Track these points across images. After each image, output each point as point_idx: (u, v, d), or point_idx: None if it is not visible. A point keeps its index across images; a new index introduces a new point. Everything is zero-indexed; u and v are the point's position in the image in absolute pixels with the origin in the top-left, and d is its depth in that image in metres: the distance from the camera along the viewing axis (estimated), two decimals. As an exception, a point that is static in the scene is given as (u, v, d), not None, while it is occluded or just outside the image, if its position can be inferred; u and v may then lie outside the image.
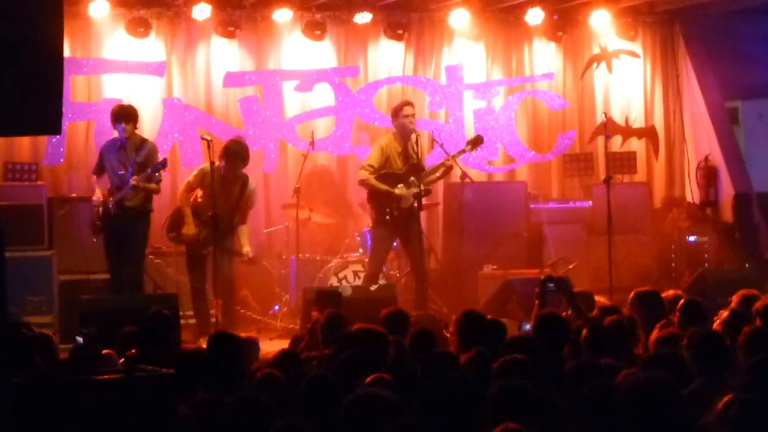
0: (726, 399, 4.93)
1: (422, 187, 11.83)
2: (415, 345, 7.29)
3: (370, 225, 12.41)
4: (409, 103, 12.21)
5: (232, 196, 11.60)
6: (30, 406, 5.15)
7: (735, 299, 8.83)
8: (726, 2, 14.79)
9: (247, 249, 11.59)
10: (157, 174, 11.39)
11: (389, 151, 11.99)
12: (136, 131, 11.67)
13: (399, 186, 11.87)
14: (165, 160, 11.70)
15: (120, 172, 11.36)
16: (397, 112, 12.03)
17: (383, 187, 11.88)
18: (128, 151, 11.40)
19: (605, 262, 12.16)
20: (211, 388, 6.28)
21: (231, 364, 7.02)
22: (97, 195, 11.49)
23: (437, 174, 12.24)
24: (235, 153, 11.52)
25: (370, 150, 12.57)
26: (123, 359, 6.72)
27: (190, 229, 11.49)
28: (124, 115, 11.46)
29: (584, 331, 7.24)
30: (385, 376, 6.06)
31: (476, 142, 12.31)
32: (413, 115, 11.98)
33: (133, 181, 11.19)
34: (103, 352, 7.76)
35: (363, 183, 12.10)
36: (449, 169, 12.25)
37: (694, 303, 8.28)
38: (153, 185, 11.45)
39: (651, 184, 15.24)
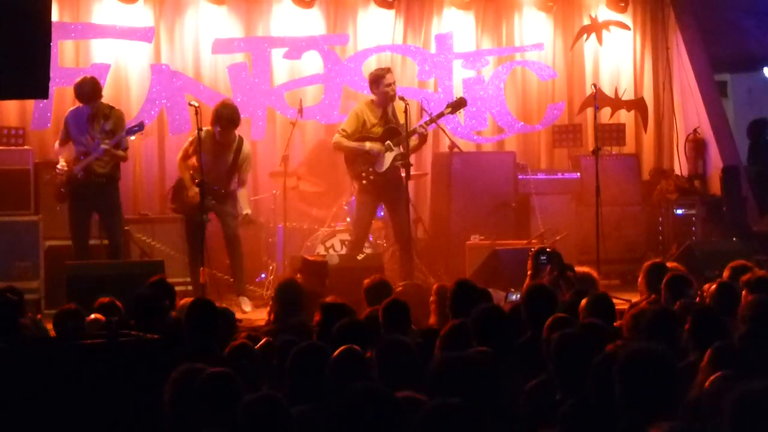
0: (713, 377, 4.94)
1: (399, 149, 11.56)
2: (390, 316, 7.30)
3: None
4: (390, 71, 11.96)
5: (226, 161, 11.55)
6: (14, 370, 5.14)
7: (726, 272, 8.86)
8: (717, -25, 14.80)
9: (247, 211, 11.60)
10: (129, 138, 11.30)
11: (364, 116, 11.74)
12: (102, 100, 11.50)
13: (370, 144, 11.67)
14: (142, 123, 11.57)
15: (88, 140, 11.22)
16: (378, 80, 11.73)
17: (352, 144, 11.66)
18: (97, 120, 11.26)
19: (593, 234, 12.15)
20: (188, 355, 6.26)
21: (207, 331, 7.02)
22: (62, 163, 11.32)
23: (414, 140, 11.71)
24: (228, 117, 11.46)
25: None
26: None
27: (191, 191, 11.43)
28: (82, 95, 11.29)
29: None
30: (355, 347, 5.88)
31: (458, 104, 12.07)
32: (395, 83, 11.78)
33: (104, 145, 11.05)
34: (90, 317, 7.78)
35: (335, 146, 11.93)
36: (424, 137, 11.86)
37: (680, 277, 8.28)
38: (121, 152, 11.30)
39: (639, 156, 15.22)
